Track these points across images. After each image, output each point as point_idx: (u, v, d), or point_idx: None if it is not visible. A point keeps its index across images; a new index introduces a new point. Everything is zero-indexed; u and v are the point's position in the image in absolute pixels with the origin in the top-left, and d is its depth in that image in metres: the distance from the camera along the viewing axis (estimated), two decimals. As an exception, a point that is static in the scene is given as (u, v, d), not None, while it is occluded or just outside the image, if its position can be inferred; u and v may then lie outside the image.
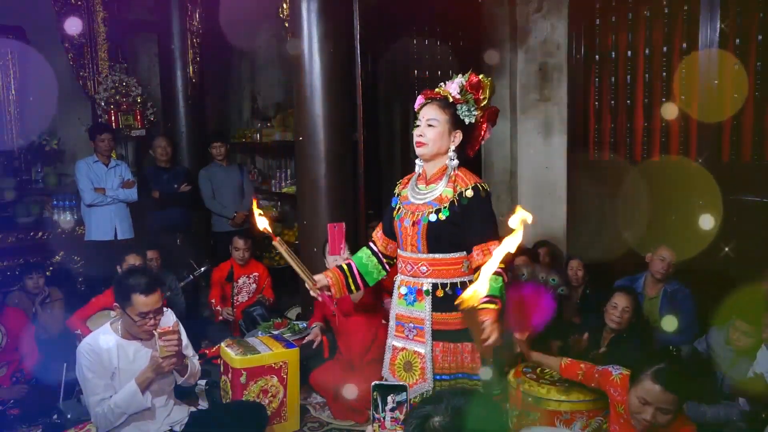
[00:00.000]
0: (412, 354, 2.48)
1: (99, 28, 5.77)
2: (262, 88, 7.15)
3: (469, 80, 2.45)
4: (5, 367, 3.73)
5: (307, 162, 4.11)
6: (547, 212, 5.12)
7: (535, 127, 5.06)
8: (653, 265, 3.88)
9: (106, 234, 5.03)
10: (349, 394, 3.42)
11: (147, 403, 2.61)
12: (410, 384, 2.47)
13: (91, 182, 5.01)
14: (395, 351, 2.56)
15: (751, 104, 3.95)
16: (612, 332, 3.42)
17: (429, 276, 2.44)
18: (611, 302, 3.42)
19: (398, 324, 2.54)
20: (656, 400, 2.20)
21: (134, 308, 2.58)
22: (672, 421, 2.24)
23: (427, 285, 2.44)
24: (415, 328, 2.47)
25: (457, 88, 2.45)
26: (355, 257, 2.69)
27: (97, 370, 2.60)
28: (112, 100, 5.73)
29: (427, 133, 2.43)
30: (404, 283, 2.51)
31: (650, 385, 2.21)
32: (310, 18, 3.97)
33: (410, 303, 2.48)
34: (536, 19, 5.04)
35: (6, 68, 5.47)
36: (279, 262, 6.17)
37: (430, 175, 2.49)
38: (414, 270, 2.47)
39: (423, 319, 2.44)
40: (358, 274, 2.65)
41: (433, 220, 2.39)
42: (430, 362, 2.43)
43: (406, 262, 2.50)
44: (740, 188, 3.94)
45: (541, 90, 5.07)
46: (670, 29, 4.31)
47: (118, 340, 2.67)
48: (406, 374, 2.50)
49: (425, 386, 2.45)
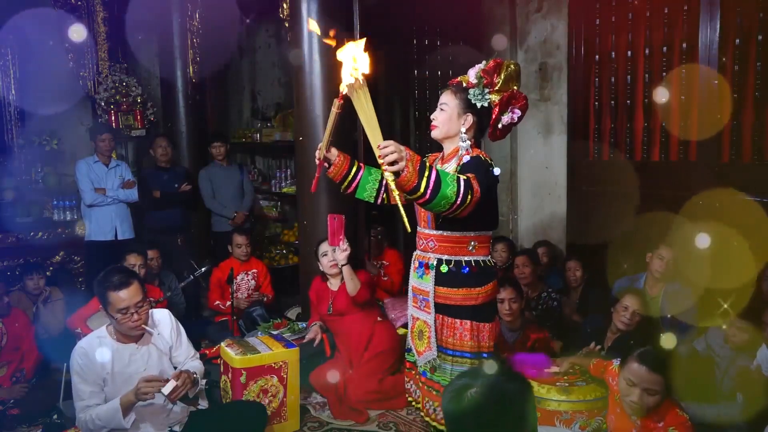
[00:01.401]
0: (423, 323, 2.61)
1: (99, 28, 5.77)
2: (262, 88, 7.16)
3: (488, 65, 2.51)
4: (5, 367, 3.73)
5: (307, 162, 4.11)
6: (547, 212, 5.13)
7: (535, 127, 5.07)
8: (653, 265, 3.88)
9: (106, 234, 5.04)
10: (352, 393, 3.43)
11: (126, 425, 2.53)
12: (421, 351, 2.60)
13: (91, 182, 5.02)
14: (414, 320, 2.68)
15: (751, 104, 3.95)
16: (616, 333, 3.42)
17: (436, 251, 2.55)
18: (622, 304, 3.40)
19: (414, 296, 2.66)
20: (642, 381, 2.25)
21: (113, 306, 2.54)
22: (660, 403, 2.27)
23: (433, 260, 2.55)
24: (424, 300, 2.58)
25: (474, 73, 2.53)
26: (368, 168, 2.68)
27: (85, 375, 2.57)
28: (112, 100, 5.72)
29: (438, 116, 2.55)
30: (417, 257, 2.65)
31: (636, 367, 2.26)
32: (310, 18, 3.97)
33: (420, 276, 2.60)
34: (536, 19, 5.04)
35: (6, 68, 5.47)
36: (279, 262, 6.18)
37: (446, 155, 2.60)
38: (425, 245, 2.60)
39: (428, 291, 2.55)
40: (358, 178, 2.64)
41: None
42: (434, 332, 2.54)
43: (420, 237, 2.63)
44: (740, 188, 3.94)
45: (541, 90, 5.07)
46: (670, 29, 4.31)
47: (112, 344, 2.64)
48: (419, 342, 2.63)
49: (430, 354, 2.55)
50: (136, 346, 2.68)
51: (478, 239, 2.54)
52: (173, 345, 2.79)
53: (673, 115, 4.35)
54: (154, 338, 2.71)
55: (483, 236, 2.57)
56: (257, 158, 7.27)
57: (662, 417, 2.31)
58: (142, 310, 2.59)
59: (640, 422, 2.35)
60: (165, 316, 2.83)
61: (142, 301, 2.59)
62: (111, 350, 2.62)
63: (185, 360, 2.82)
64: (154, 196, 5.22)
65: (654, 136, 4.50)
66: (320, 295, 3.92)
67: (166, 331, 2.78)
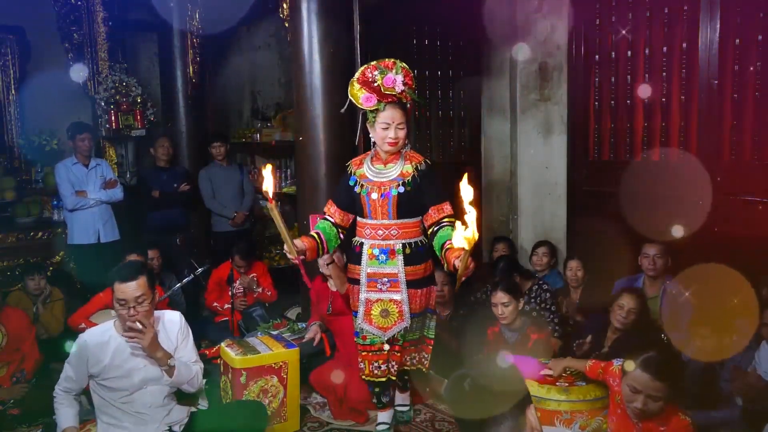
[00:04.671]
0: (388, 302, 2.98)
1: (99, 28, 5.77)
2: (262, 88, 7.15)
3: (403, 73, 2.86)
4: (5, 367, 3.73)
5: (307, 162, 4.11)
6: (547, 212, 5.13)
7: (535, 127, 5.06)
8: (644, 264, 3.88)
9: (88, 237, 4.88)
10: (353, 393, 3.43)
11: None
12: (388, 327, 2.99)
13: (71, 186, 4.82)
14: (369, 303, 3.00)
15: (751, 104, 3.95)
16: (616, 332, 3.42)
17: (399, 237, 2.95)
18: (618, 302, 3.41)
19: (370, 281, 2.99)
20: (646, 388, 2.24)
21: (115, 296, 2.58)
22: (664, 408, 2.27)
23: (398, 245, 2.95)
24: (389, 281, 2.96)
25: (401, 86, 2.85)
26: (320, 227, 3.03)
27: (75, 364, 2.67)
28: (112, 100, 5.72)
29: (400, 134, 2.90)
30: (374, 246, 2.97)
31: (639, 374, 2.25)
32: (310, 18, 3.97)
33: (383, 262, 2.96)
34: (536, 19, 5.04)
35: (6, 68, 5.47)
36: (279, 262, 6.18)
37: (387, 157, 2.95)
38: (386, 234, 2.95)
39: (396, 273, 2.95)
40: (324, 241, 2.99)
41: (402, 191, 2.88)
42: (407, 305, 2.97)
43: (377, 228, 2.96)
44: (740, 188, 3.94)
45: (541, 90, 5.07)
46: (670, 29, 4.31)
47: (116, 337, 2.66)
48: (384, 320, 2.99)
49: (403, 325, 2.99)
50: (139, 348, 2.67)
51: (420, 223, 2.98)
52: (178, 347, 2.78)
53: (673, 115, 4.35)
54: (160, 338, 2.70)
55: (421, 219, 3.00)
56: (257, 158, 7.26)
57: (665, 421, 2.31)
58: (141, 306, 2.58)
59: (642, 425, 2.34)
60: (176, 318, 2.83)
61: (143, 297, 2.58)
62: (114, 343, 2.64)
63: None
64: (153, 196, 5.22)
65: (654, 136, 4.49)
66: (320, 295, 3.92)
67: (173, 333, 2.78)
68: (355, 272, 3.05)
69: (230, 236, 5.39)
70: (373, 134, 2.95)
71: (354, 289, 3.08)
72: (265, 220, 6.61)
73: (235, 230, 5.49)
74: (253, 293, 4.82)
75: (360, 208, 2.99)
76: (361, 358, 3.10)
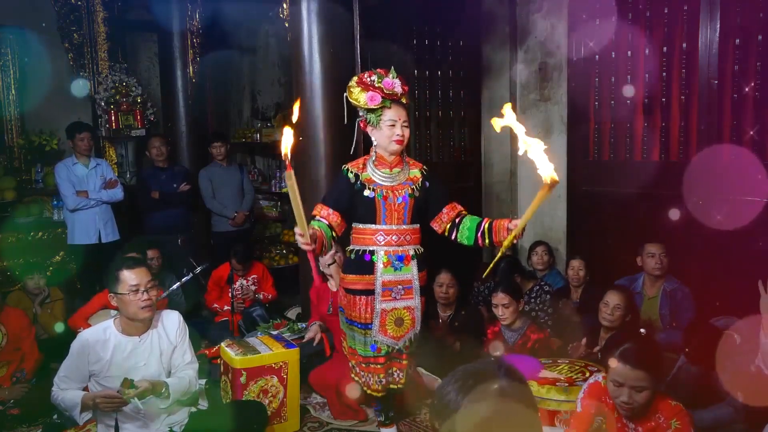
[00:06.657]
0: (402, 310, 2.96)
1: (99, 28, 5.77)
2: (262, 88, 7.16)
3: (396, 76, 2.87)
4: (5, 367, 3.73)
5: (307, 162, 4.11)
6: (547, 212, 5.13)
7: (535, 127, 5.06)
8: (646, 265, 3.88)
9: (89, 238, 4.89)
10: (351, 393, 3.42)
11: (80, 421, 2.66)
12: (401, 335, 2.97)
13: (72, 186, 4.84)
14: (384, 314, 2.94)
15: (751, 104, 3.95)
16: (608, 332, 3.42)
17: (411, 243, 2.95)
18: (603, 300, 3.45)
19: (385, 290, 2.92)
20: (627, 379, 2.25)
21: (124, 285, 2.60)
22: (650, 399, 2.26)
23: (412, 250, 2.95)
24: (403, 289, 2.94)
25: (400, 88, 2.87)
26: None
27: (74, 359, 2.68)
28: (112, 100, 5.72)
29: (406, 133, 2.89)
30: (390, 252, 2.90)
31: (620, 366, 2.25)
32: (310, 18, 3.98)
33: (397, 269, 2.92)
34: (536, 19, 5.04)
35: (6, 68, 5.47)
36: (279, 262, 6.18)
37: (391, 161, 2.92)
38: (400, 239, 2.92)
39: (411, 279, 2.94)
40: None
41: (417, 195, 2.90)
42: (419, 311, 2.99)
43: (391, 233, 2.90)
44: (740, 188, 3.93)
45: (541, 90, 5.07)
46: (670, 29, 4.30)
47: (116, 335, 2.68)
48: (398, 329, 2.96)
49: (414, 331, 3.00)
50: (139, 339, 2.71)
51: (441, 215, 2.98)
52: (176, 346, 2.80)
53: (673, 115, 4.35)
54: (159, 337, 2.73)
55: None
56: (257, 158, 7.27)
57: (657, 411, 2.31)
58: (151, 291, 2.65)
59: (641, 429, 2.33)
60: (175, 317, 2.85)
61: (151, 282, 2.66)
62: (114, 341, 2.66)
63: (179, 365, 2.82)
64: (152, 196, 5.21)
65: (654, 136, 4.49)
66: (320, 295, 3.92)
67: (172, 332, 2.80)
68: (363, 282, 2.90)
69: (230, 236, 5.40)
70: (376, 137, 2.89)
71: (360, 300, 2.91)
72: (265, 220, 6.61)
73: (235, 230, 5.50)
74: (250, 299, 4.82)
75: (366, 213, 2.88)
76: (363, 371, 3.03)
